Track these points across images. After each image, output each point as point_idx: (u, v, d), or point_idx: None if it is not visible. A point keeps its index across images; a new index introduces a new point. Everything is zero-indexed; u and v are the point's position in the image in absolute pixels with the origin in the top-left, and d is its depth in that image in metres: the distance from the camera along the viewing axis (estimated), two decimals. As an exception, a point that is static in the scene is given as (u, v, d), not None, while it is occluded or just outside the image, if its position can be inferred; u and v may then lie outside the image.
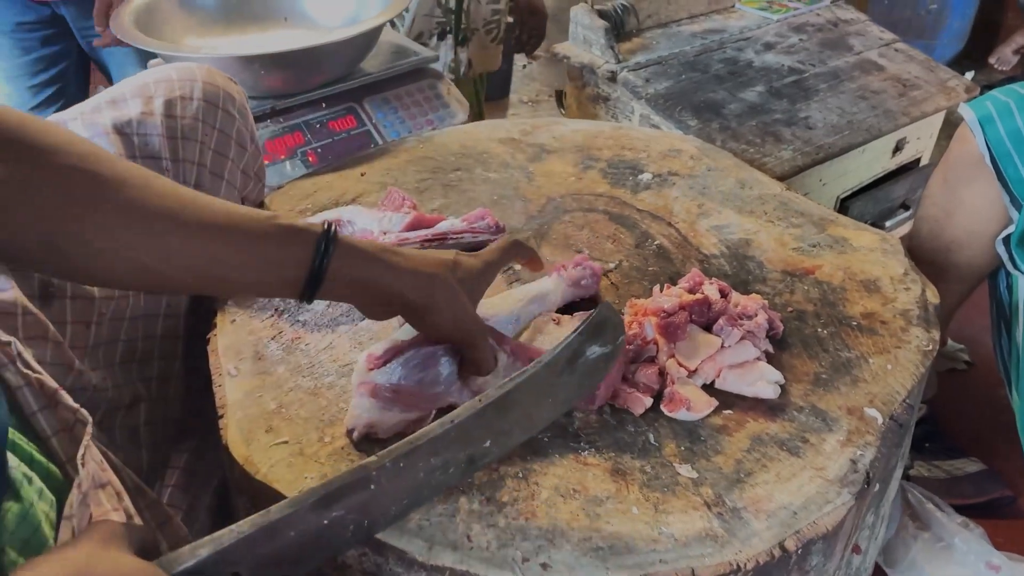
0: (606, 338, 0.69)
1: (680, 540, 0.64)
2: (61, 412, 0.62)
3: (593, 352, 0.69)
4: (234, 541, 0.51)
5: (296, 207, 1.06)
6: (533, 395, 0.65)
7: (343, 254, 0.66)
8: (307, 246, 0.65)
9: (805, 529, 0.65)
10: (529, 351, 0.76)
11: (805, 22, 1.90)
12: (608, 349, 0.70)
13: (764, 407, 0.76)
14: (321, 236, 0.65)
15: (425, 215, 0.96)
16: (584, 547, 0.63)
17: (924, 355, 0.83)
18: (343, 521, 0.56)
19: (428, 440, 0.60)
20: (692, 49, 1.74)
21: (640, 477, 0.69)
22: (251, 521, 0.53)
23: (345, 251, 0.66)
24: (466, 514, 0.65)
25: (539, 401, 0.66)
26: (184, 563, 0.50)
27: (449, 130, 1.30)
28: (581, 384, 0.70)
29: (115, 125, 0.85)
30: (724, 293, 0.84)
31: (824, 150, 1.51)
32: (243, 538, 0.52)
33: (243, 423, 0.74)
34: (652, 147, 1.22)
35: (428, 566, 0.62)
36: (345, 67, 1.39)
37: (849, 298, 0.90)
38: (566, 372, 0.67)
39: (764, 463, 0.70)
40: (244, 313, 0.88)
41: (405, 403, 0.71)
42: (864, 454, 0.71)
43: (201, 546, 0.51)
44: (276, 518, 0.53)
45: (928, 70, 1.79)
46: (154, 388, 0.90)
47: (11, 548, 0.54)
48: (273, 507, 0.54)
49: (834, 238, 1.00)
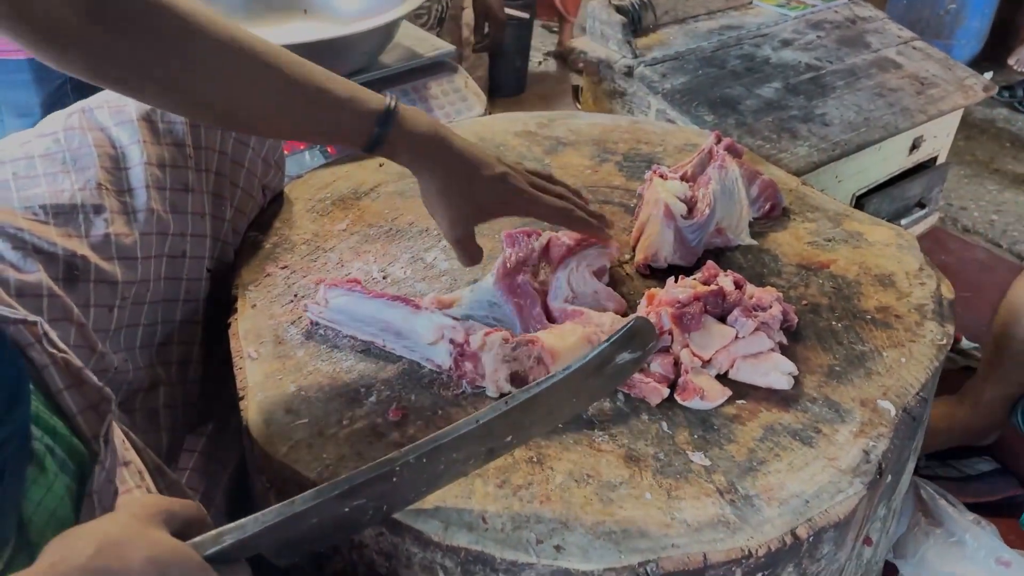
0: (635, 345, 0.70)
1: (692, 526, 0.64)
2: (86, 391, 0.63)
3: (622, 359, 0.69)
4: (259, 529, 0.53)
5: (315, 196, 1.07)
6: (559, 397, 0.67)
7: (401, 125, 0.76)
8: (369, 121, 0.75)
9: (817, 517, 0.66)
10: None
11: (823, 19, 1.90)
12: (637, 355, 0.70)
13: (777, 397, 0.77)
14: (381, 116, 0.75)
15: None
16: (597, 531, 0.64)
17: (938, 349, 0.83)
18: (363, 508, 0.58)
19: (453, 439, 0.61)
20: (709, 45, 1.75)
21: (653, 464, 0.70)
22: (276, 510, 0.55)
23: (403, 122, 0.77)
24: (482, 496, 0.66)
25: (564, 402, 0.68)
26: (208, 549, 0.52)
27: (466, 122, 1.31)
28: (605, 386, 0.72)
29: (140, 114, 0.86)
30: (739, 285, 0.84)
31: (840, 147, 1.51)
32: (267, 527, 0.54)
33: (263, 404, 0.75)
34: (668, 141, 1.22)
35: (444, 546, 0.63)
36: (364, 59, 1.40)
37: (864, 292, 0.90)
38: (593, 376, 0.68)
39: (777, 452, 0.71)
40: (264, 298, 0.89)
41: None
42: (877, 445, 0.72)
43: (226, 534, 0.53)
44: (301, 509, 0.55)
45: (946, 68, 1.78)
46: (174, 372, 0.91)
47: (36, 518, 0.55)
48: (298, 497, 0.56)
49: (849, 233, 1.00)
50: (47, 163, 0.80)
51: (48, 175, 0.80)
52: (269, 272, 0.93)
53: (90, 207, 0.80)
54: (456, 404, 0.76)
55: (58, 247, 0.76)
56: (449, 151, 0.80)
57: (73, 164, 0.81)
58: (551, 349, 0.77)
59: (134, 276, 0.83)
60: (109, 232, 0.80)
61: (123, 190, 0.84)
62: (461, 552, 0.62)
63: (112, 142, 0.85)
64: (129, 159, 0.85)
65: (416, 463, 0.59)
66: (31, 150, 0.81)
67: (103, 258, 0.79)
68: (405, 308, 0.81)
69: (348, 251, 0.97)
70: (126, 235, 0.82)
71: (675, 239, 0.92)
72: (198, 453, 0.97)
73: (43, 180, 0.79)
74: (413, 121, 0.78)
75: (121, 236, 0.81)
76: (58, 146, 0.82)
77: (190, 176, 0.90)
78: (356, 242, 0.99)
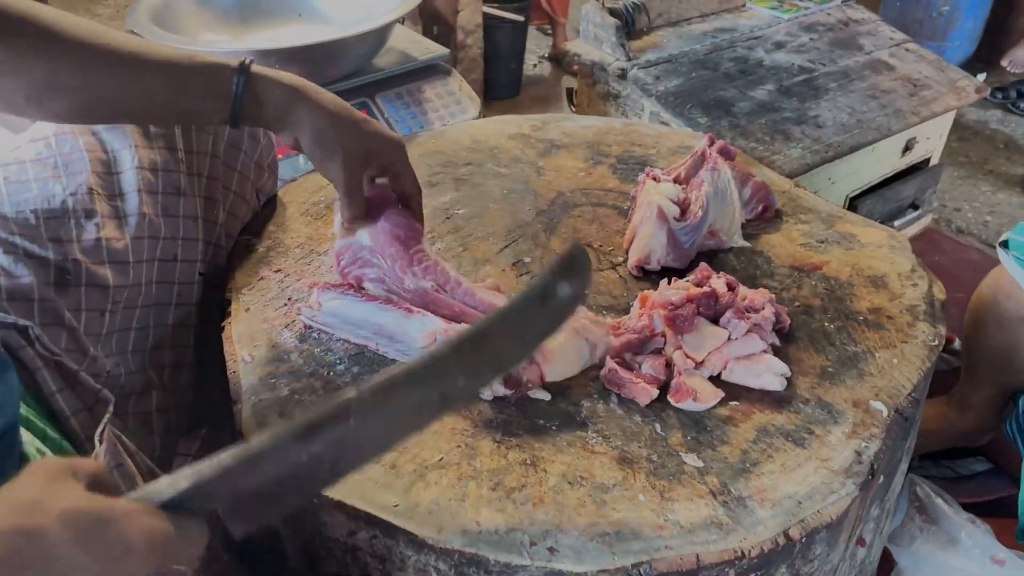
0: (574, 278, 0.68)
1: (685, 527, 0.64)
2: (80, 393, 0.63)
3: (563, 291, 0.68)
4: (215, 472, 0.50)
5: (309, 199, 1.07)
6: (506, 331, 0.65)
7: (260, 78, 0.76)
8: (226, 79, 0.75)
9: (809, 518, 0.66)
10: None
11: (816, 21, 1.91)
12: (576, 290, 0.68)
13: (770, 399, 0.77)
14: (237, 69, 0.75)
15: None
16: (591, 532, 0.64)
17: (930, 350, 0.83)
18: (320, 457, 0.55)
19: (404, 372, 0.58)
20: (702, 47, 1.75)
21: (647, 465, 0.70)
22: (232, 453, 0.52)
23: (259, 81, 0.76)
24: (475, 499, 0.66)
25: (510, 339, 0.66)
26: (164, 495, 0.49)
27: (460, 125, 1.31)
28: (548, 323, 0.69)
29: None
30: (731, 287, 0.85)
31: (833, 149, 1.52)
32: (224, 469, 0.51)
33: (257, 408, 0.75)
34: (662, 143, 1.22)
35: (438, 549, 0.63)
36: (358, 63, 1.40)
37: (856, 293, 0.91)
38: (536, 309, 0.66)
39: (770, 453, 0.71)
40: (258, 302, 0.89)
41: None
42: (869, 446, 0.72)
43: (182, 477, 0.50)
44: (258, 449, 0.52)
45: (939, 70, 1.79)
46: (166, 376, 0.91)
47: None
48: (254, 439, 0.53)
49: (842, 234, 1.01)
50: (38, 168, 0.80)
51: (39, 180, 0.80)
52: (263, 275, 0.93)
53: (81, 212, 0.80)
54: (449, 407, 0.76)
55: (49, 251, 0.76)
56: (316, 98, 0.79)
57: (64, 169, 0.81)
58: (543, 348, 0.77)
59: (126, 280, 0.83)
60: (100, 236, 0.80)
61: (114, 194, 0.84)
62: (455, 555, 0.62)
63: (104, 146, 0.85)
64: (121, 163, 0.84)
65: (371, 400, 0.57)
66: (22, 155, 0.81)
67: (94, 262, 0.79)
68: (398, 312, 0.81)
69: (341, 254, 0.97)
70: (117, 239, 0.82)
71: (668, 241, 0.92)
72: (192, 457, 0.96)
73: (34, 185, 0.79)
74: (273, 74, 0.78)
75: (112, 240, 0.81)
76: (49, 151, 0.82)
77: (182, 180, 0.89)
78: (349, 245, 0.98)
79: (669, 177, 1.00)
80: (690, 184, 0.99)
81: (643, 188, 0.99)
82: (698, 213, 0.94)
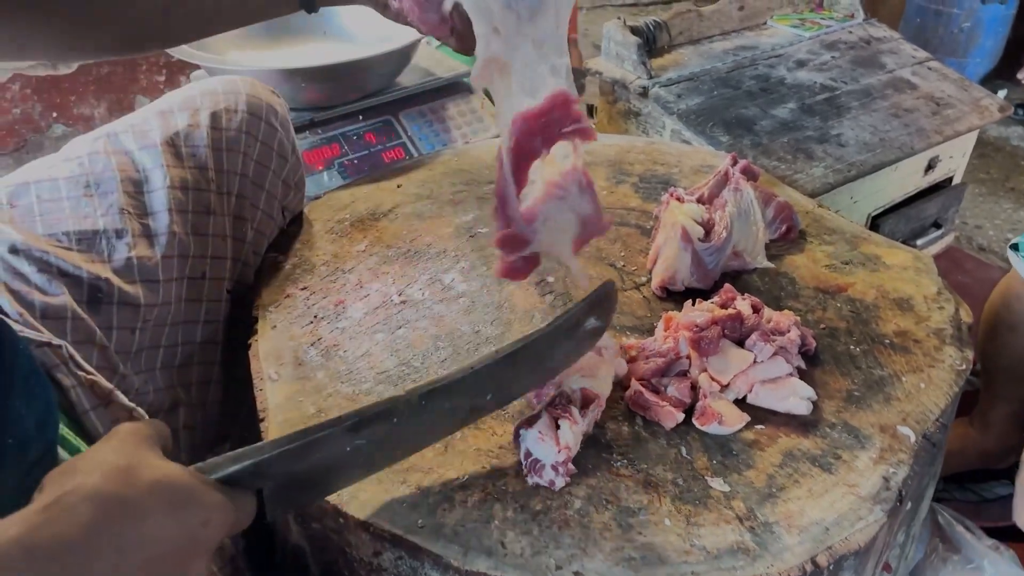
0: (601, 313, 0.74)
1: (712, 552, 0.64)
2: (115, 411, 0.64)
3: (590, 324, 0.73)
4: (276, 452, 0.55)
5: (334, 217, 1.08)
6: (537, 354, 0.70)
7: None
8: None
9: (837, 545, 0.65)
10: None
11: (837, 39, 1.91)
12: (601, 323, 0.75)
13: (796, 423, 0.77)
14: None
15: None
16: (616, 557, 0.64)
17: (957, 375, 0.83)
18: (361, 450, 0.61)
19: (448, 383, 0.65)
20: (724, 65, 1.75)
21: (672, 489, 0.70)
22: (290, 436, 0.57)
23: None
24: (501, 521, 0.66)
25: (538, 362, 0.71)
26: (223, 470, 0.52)
27: (483, 143, 1.32)
28: (571, 353, 0.75)
29: (164, 138, 0.87)
30: (756, 308, 0.85)
31: (856, 167, 1.51)
32: (283, 451, 0.55)
33: (284, 426, 0.76)
34: (684, 162, 1.22)
35: (463, 571, 0.63)
36: (383, 81, 1.41)
37: (882, 316, 0.90)
38: (565, 337, 0.72)
39: (796, 478, 0.71)
40: (284, 319, 0.90)
41: None
42: (897, 472, 0.72)
43: (243, 456, 0.54)
44: (315, 436, 0.57)
45: (961, 89, 1.78)
46: (193, 393, 0.92)
47: None
48: (309, 427, 0.58)
49: (867, 256, 1.00)
50: (71, 186, 0.82)
51: (71, 199, 0.81)
52: (289, 293, 0.94)
53: (112, 232, 0.81)
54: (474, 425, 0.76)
55: (83, 271, 0.77)
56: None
57: (96, 188, 0.82)
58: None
59: (156, 298, 0.84)
60: (131, 256, 0.81)
61: (145, 213, 0.85)
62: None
63: (136, 166, 0.86)
64: (152, 183, 0.86)
65: (416, 404, 0.63)
66: (55, 173, 0.82)
67: (126, 281, 0.81)
68: None
69: (367, 272, 0.98)
70: (148, 258, 0.83)
71: (692, 262, 0.93)
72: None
73: (66, 204, 0.80)
74: None
75: (143, 259, 0.82)
76: (82, 169, 0.83)
77: (212, 199, 0.91)
78: (375, 263, 0.99)
79: (692, 197, 1.00)
80: (713, 204, 0.99)
81: (666, 208, 0.99)
82: (722, 234, 0.94)
